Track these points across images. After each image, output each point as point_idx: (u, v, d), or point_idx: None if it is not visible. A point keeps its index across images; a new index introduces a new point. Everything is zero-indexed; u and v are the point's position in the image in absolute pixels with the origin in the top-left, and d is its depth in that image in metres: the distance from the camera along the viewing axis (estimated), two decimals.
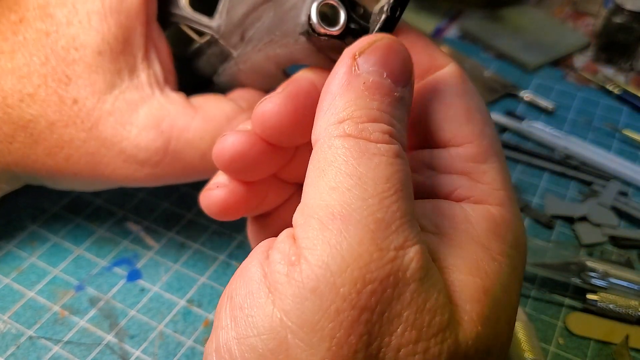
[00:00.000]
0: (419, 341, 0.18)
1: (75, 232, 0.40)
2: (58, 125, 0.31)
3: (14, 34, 0.31)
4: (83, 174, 0.32)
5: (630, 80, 0.57)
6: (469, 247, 0.21)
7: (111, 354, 0.33)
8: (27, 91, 0.31)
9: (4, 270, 0.38)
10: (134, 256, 0.39)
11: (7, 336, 0.34)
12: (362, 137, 0.20)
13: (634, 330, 0.35)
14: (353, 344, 0.18)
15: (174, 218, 0.41)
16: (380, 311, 0.18)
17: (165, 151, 0.31)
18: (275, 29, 0.29)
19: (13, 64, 0.31)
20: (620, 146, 0.49)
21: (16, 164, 0.33)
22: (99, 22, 0.30)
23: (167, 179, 0.33)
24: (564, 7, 0.69)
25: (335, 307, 0.18)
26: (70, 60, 0.30)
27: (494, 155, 0.23)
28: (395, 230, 0.19)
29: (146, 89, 0.32)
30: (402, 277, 0.18)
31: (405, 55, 0.22)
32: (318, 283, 0.18)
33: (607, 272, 0.37)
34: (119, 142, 0.31)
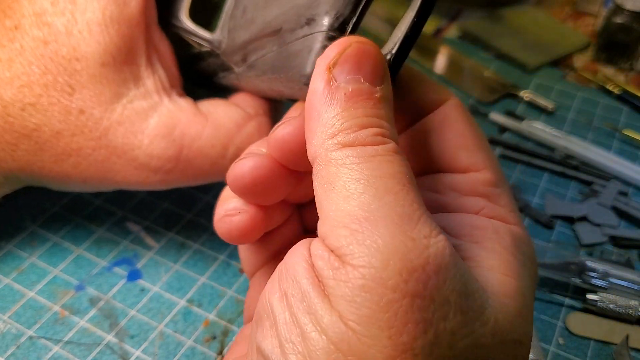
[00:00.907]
0: (467, 324, 0.19)
1: (76, 232, 0.40)
2: (65, 134, 0.31)
3: (10, 41, 0.31)
4: (92, 180, 0.32)
5: (630, 80, 0.57)
6: (502, 253, 0.22)
7: (111, 353, 0.33)
8: (29, 100, 0.30)
9: (4, 270, 0.38)
10: (134, 256, 0.39)
11: (7, 336, 0.34)
12: (358, 143, 0.21)
13: (634, 330, 0.35)
14: (411, 330, 0.18)
15: (174, 218, 0.41)
16: (430, 297, 0.19)
17: (178, 159, 0.31)
18: (280, 70, 0.29)
19: (11, 72, 0.30)
20: (620, 146, 0.49)
21: (20, 169, 0.33)
22: (100, 33, 0.30)
23: (177, 183, 0.33)
24: (564, 7, 0.69)
25: (387, 299, 0.18)
26: (73, 70, 0.30)
27: (503, 180, 0.25)
28: (418, 221, 0.20)
29: (154, 96, 0.32)
30: (440, 263, 0.19)
31: (376, 54, 0.23)
32: (365, 280, 0.19)
33: (607, 272, 0.37)
34: (130, 151, 0.31)
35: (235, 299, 0.36)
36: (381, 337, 0.18)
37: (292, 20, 0.27)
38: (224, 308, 0.36)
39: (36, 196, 0.42)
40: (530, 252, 0.24)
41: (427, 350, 0.18)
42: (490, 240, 0.23)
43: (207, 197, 0.43)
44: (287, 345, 0.20)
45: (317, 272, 0.20)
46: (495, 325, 0.20)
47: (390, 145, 0.21)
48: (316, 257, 0.20)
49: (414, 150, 0.26)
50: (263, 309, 0.21)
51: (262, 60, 0.30)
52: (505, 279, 0.21)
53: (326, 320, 0.19)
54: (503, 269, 0.22)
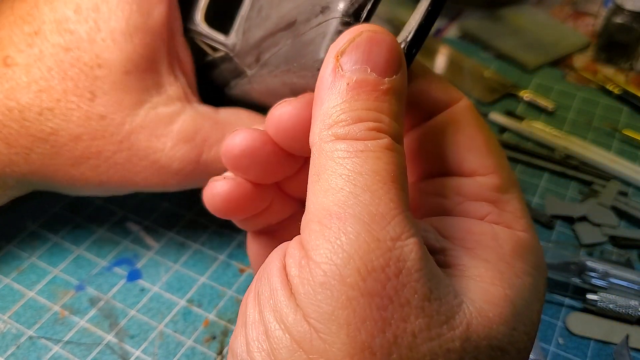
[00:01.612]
0: (431, 327, 0.19)
1: (76, 232, 0.40)
2: (84, 138, 0.31)
3: (29, 46, 0.31)
4: (109, 183, 0.33)
5: (630, 80, 0.57)
6: (495, 262, 0.22)
7: (111, 353, 0.33)
8: (47, 105, 0.31)
9: (4, 270, 0.38)
10: (134, 256, 0.39)
11: (7, 336, 0.34)
12: (349, 137, 0.21)
13: (634, 330, 0.35)
14: (369, 329, 0.18)
15: (174, 218, 0.41)
16: (389, 297, 0.19)
17: (197, 162, 0.32)
18: (294, 60, 0.29)
19: (29, 77, 0.31)
20: (620, 146, 0.49)
21: (33, 173, 0.33)
22: (124, 41, 0.30)
23: (192, 185, 0.34)
24: (563, 7, 0.69)
25: (346, 296, 0.18)
26: (94, 77, 0.30)
27: (513, 186, 0.24)
28: (390, 222, 0.19)
29: (176, 103, 0.32)
30: (403, 267, 0.19)
31: (389, 42, 0.22)
32: (326, 278, 0.19)
33: (607, 272, 0.37)
34: (152, 154, 0.32)
35: (235, 298, 0.36)
36: (340, 334, 0.18)
37: (306, 11, 0.27)
38: (223, 308, 0.36)
39: (36, 196, 0.42)
40: (536, 260, 0.23)
41: (386, 350, 0.18)
42: (484, 247, 0.22)
43: None
44: (253, 343, 0.20)
45: (286, 270, 0.20)
46: (467, 330, 0.20)
47: (383, 141, 0.21)
48: (288, 255, 0.21)
49: (421, 150, 0.26)
50: (240, 309, 0.22)
51: (275, 56, 0.30)
52: (491, 287, 0.21)
53: (290, 319, 0.19)
54: (490, 277, 0.21)
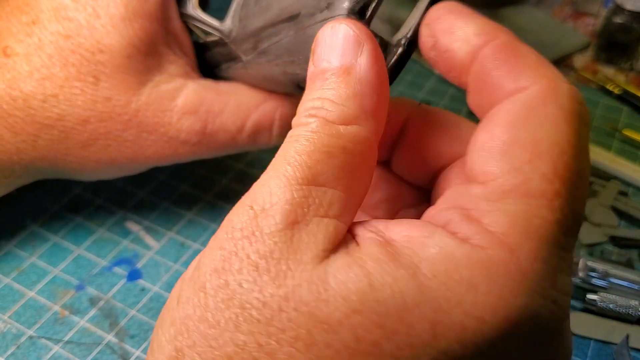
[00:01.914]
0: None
1: (76, 231, 0.40)
2: (91, 121, 0.32)
3: (27, 35, 0.31)
4: (121, 160, 0.34)
5: (631, 80, 0.57)
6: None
7: (111, 353, 0.33)
8: (50, 92, 0.31)
9: (4, 269, 0.38)
10: (134, 256, 0.39)
11: (7, 336, 0.34)
12: (296, 124, 0.22)
13: (634, 329, 0.35)
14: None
15: (174, 218, 0.41)
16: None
17: (203, 133, 0.34)
18: (298, 52, 0.29)
19: (30, 66, 0.31)
20: (620, 146, 0.49)
21: (42, 159, 0.33)
22: (124, 27, 0.31)
23: (203, 155, 0.36)
24: (564, 7, 0.69)
25: None
26: (96, 62, 0.31)
27: (518, 197, 0.20)
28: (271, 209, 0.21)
29: (178, 79, 0.34)
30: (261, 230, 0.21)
31: (343, 30, 0.23)
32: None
33: (607, 272, 0.37)
34: (161, 127, 0.33)
35: None
36: None
37: (311, 5, 0.28)
38: None
39: (37, 195, 0.42)
40: (488, 286, 0.19)
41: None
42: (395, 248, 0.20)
43: (207, 196, 0.43)
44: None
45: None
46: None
47: (310, 127, 0.21)
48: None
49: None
50: None
51: (276, 46, 0.30)
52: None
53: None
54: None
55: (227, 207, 0.42)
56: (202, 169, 0.45)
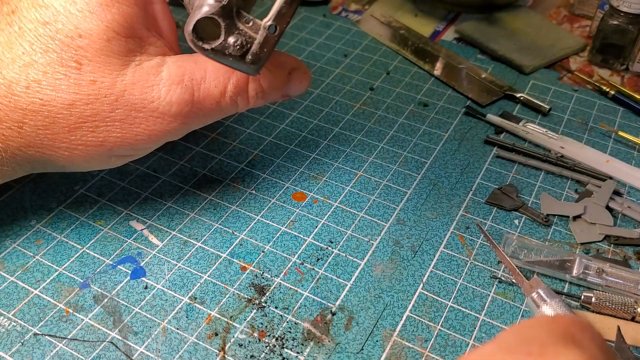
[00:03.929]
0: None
1: (80, 230, 0.41)
2: (78, 104, 0.32)
3: (8, 24, 0.32)
4: (110, 141, 0.34)
5: (626, 82, 0.58)
6: None
7: (115, 350, 0.34)
8: (33, 78, 0.32)
9: (9, 268, 0.38)
10: (138, 254, 0.39)
11: (12, 333, 0.34)
12: None
13: (630, 327, 0.36)
14: None
15: (177, 216, 0.42)
16: None
17: (192, 102, 0.35)
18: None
19: (12, 53, 0.32)
20: (615, 146, 0.50)
21: (29, 145, 0.33)
22: (102, 12, 0.32)
23: (191, 127, 0.36)
24: (559, 9, 0.70)
25: None
26: (77, 47, 0.32)
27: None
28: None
29: (159, 57, 0.34)
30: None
31: None
32: None
33: (603, 270, 0.37)
34: (150, 103, 0.34)
35: (237, 295, 0.37)
36: None
37: None
38: (226, 305, 0.36)
39: (41, 195, 0.43)
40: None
41: None
42: None
43: (209, 195, 0.44)
44: None
45: None
46: None
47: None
48: None
49: None
50: None
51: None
52: None
53: None
54: None
55: (229, 206, 0.43)
56: (204, 169, 0.46)
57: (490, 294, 0.38)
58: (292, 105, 0.53)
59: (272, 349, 0.34)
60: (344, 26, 0.65)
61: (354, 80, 0.57)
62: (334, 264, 0.39)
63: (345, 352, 0.34)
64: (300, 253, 0.40)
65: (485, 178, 0.46)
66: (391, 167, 0.47)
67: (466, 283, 0.38)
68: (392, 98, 0.55)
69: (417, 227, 0.42)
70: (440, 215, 0.43)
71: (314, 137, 0.50)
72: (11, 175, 0.36)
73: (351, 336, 0.35)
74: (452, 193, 0.45)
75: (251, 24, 0.30)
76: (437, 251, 0.40)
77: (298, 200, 0.44)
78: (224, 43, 0.30)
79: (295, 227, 0.41)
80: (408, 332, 0.35)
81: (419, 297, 0.37)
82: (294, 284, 0.38)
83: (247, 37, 0.30)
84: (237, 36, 0.30)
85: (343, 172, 0.46)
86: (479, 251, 0.40)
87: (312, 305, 0.36)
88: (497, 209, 0.43)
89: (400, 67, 0.59)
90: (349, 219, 0.42)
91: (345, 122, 0.52)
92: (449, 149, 0.49)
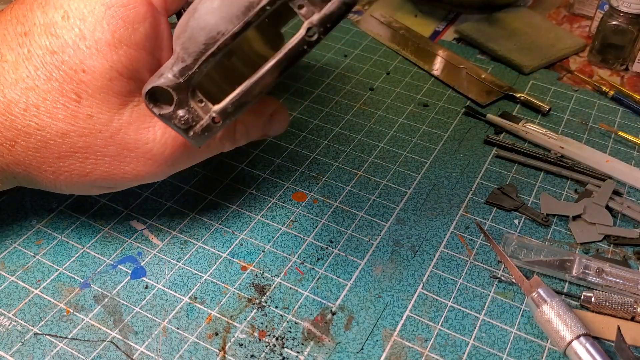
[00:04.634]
0: None
1: (80, 230, 0.41)
2: (72, 135, 0.33)
3: (19, 45, 0.32)
4: (96, 174, 0.34)
5: (626, 82, 0.58)
6: None
7: (115, 350, 0.34)
8: (33, 102, 0.32)
9: (9, 268, 0.38)
10: (138, 254, 0.39)
11: (12, 333, 0.34)
12: None
13: (630, 327, 0.36)
14: None
15: (177, 216, 0.42)
16: None
17: (185, 144, 0.34)
18: None
19: (16, 74, 0.32)
20: (615, 146, 0.50)
21: (17, 163, 0.34)
22: (109, 52, 0.32)
23: (180, 168, 0.36)
24: (559, 10, 0.70)
25: None
26: (79, 80, 0.32)
27: None
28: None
29: None
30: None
31: None
32: None
33: (603, 270, 0.37)
34: (144, 145, 0.34)
35: (237, 295, 0.37)
36: None
37: None
38: (226, 305, 0.36)
39: (42, 194, 0.43)
40: None
41: None
42: None
43: (209, 195, 0.44)
44: None
45: None
46: None
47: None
48: None
49: None
50: None
51: None
52: None
53: None
54: None
55: (229, 206, 0.43)
56: (204, 170, 0.46)
57: (490, 294, 0.38)
58: (292, 105, 0.53)
59: (272, 349, 0.34)
60: (344, 26, 0.65)
61: (354, 80, 0.57)
62: (334, 264, 0.39)
63: (345, 352, 0.34)
64: (300, 253, 0.40)
65: (485, 178, 0.46)
66: (391, 167, 0.47)
67: (466, 283, 0.38)
68: (392, 98, 0.55)
69: (417, 227, 0.42)
70: (440, 215, 0.43)
71: (314, 137, 0.50)
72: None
73: (351, 336, 0.35)
74: (452, 193, 0.45)
75: (203, 104, 0.30)
76: (437, 251, 0.40)
77: (298, 200, 0.44)
78: (172, 114, 0.30)
79: (295, 227, 0.42)
80: (408, 332, 0.35)
81: (419, 296, 0.37)
82: (294, 283, 0.38)
83: (195, 116, 0.31)
84: (186, 112, 0.30)
85: (343, 172, 0.46)
86: (479, 251, 0.40)
87: (312, 305, 0.37)
88: (497, 209, 0.44)
89: (400, 67, 0.59)
90: (349, 219, 0.42)
91: (345, 122, 0.52)
92: (449, 149, 0.49)
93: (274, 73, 0.29)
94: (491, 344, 0.35)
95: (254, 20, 0.27)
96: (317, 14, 0.27)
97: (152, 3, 0.32)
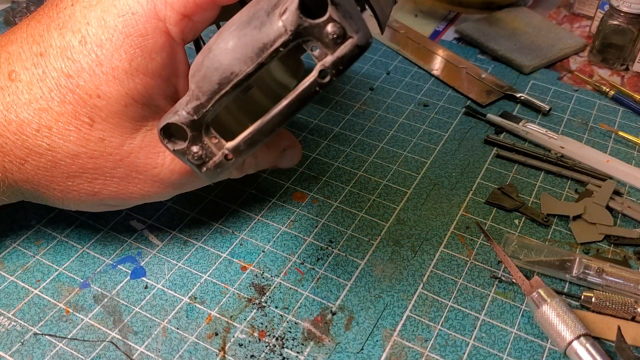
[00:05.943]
0: None
1: (80, 230, 0.41)
2: (82, 156, 0.33)
3: (34, 65, 0.32)
4: (103, 194, 0.35)
5: (626, 82, 0.58)
6: None
7: (115, 350, 0.34)
8: (45, 123, 0.32)
9: (9, 267, 0.38)
10: (138, 254, 0.39)
11: (12, 333, 0.34)
12: None
13: (630, 327, 0.36)
14: None
15: (177, 216, 0.42)
16: None
17: (192, 171, 0.34)
18: None
19: (30, 95, 0.32)
20: (615, 146, 0.50)
21: (26, 181, 0.34)
22: (125, 79, 0.32)
23: (181, 191, 0.37)
24: (560, 9, 0.70)
25: None
26: (93, 105, 0.32)
27: None
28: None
29: None
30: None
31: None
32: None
33: (603, 270, 0.37)
34: (152, 169, 0.34)
35: (237, 295, 0.37)
36: None
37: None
38: (226, 305, 0.36)
39: None
40: None
41: None
42: None
43: (209, 196, 0.44)
44: None
45: None
46: None
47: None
48: None
49: None
50: None
51: None
52: None
53: None
54: None
55: (229, 206, 0.43)
56: None
57: (490, 294, 0.38)
58: None
59: (272, 349, 0.34)
60: None
61: (354, 80, 0.57)
62: (334, 264, 0.39)
63: (345, 352, 0.34)
64: (300, 253, 0.40)
65: (485, 178, 0.46)
66: (391, 167, 0.47)
67: (466, 283, 0.38)
68: (392, 98, 0.55)
69: (417, 227, 0.42)
70: (440, 215, 0.43)
71: (314, 137, 0.50)
72: (2, 202, 0.36)
73: (351, 336, 0.35)
74: (452, 193, 0.45)
75: (217, 141, 0.30)
76: (437, 251, 0.40)
77: (298, 200, 0.44)
78: (186, 149, 0.30)
79: (295, 227, 0.41)
80: (408, 332, 0.35)
81: (419, 297, 0.37)
82: (294, 283, 0.38)
83: (208, 152, 0.30)
84: (200, 148, 0.30)
85: (343, 172, 0.46)
86: (479, 251, 0.40)
87: (312, 305, 0.36)
88: (497, 209, 0.44)
89: (400, 67, 0.59)
90: (349, 219, 0.42)
91: (345, 122, 0.52)
92: (449, 149, 0.49)
93: (285, 114, 0.29)
94: (491, 344, 0.35)
95: (267, 62, 0.27)
96: (330, 56, 0.26)
97: (170, 33, 0.31)
